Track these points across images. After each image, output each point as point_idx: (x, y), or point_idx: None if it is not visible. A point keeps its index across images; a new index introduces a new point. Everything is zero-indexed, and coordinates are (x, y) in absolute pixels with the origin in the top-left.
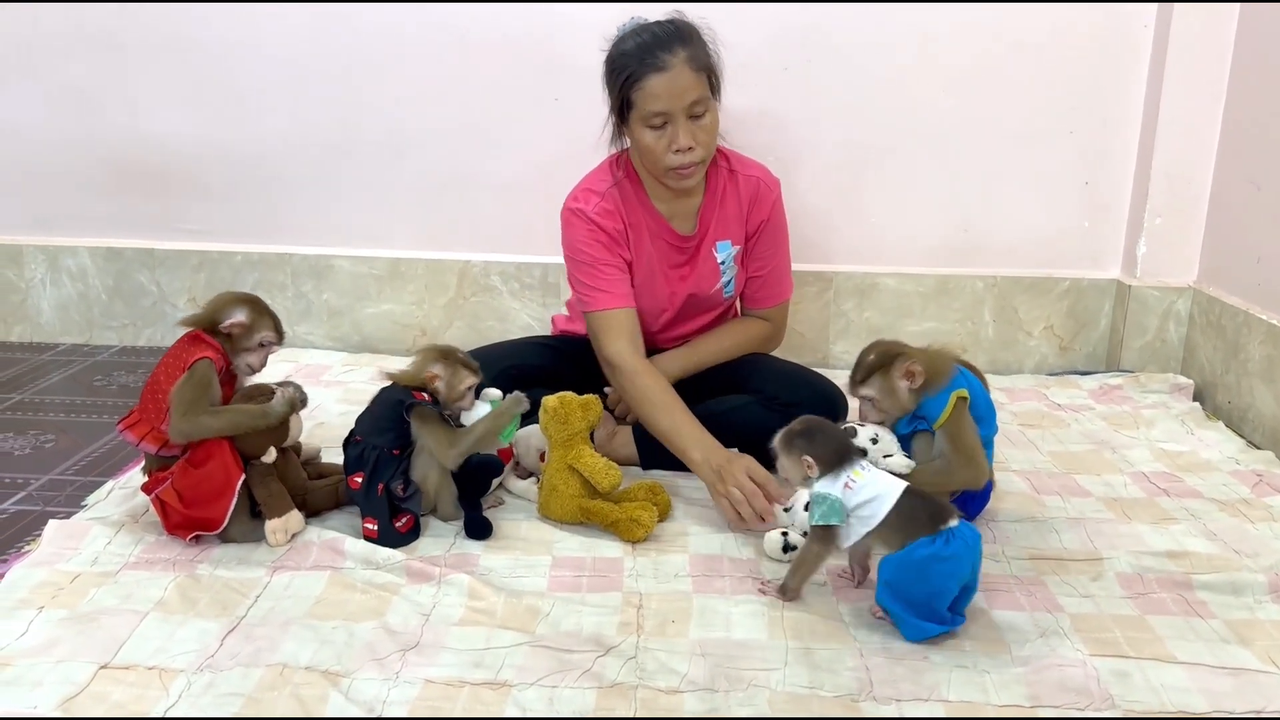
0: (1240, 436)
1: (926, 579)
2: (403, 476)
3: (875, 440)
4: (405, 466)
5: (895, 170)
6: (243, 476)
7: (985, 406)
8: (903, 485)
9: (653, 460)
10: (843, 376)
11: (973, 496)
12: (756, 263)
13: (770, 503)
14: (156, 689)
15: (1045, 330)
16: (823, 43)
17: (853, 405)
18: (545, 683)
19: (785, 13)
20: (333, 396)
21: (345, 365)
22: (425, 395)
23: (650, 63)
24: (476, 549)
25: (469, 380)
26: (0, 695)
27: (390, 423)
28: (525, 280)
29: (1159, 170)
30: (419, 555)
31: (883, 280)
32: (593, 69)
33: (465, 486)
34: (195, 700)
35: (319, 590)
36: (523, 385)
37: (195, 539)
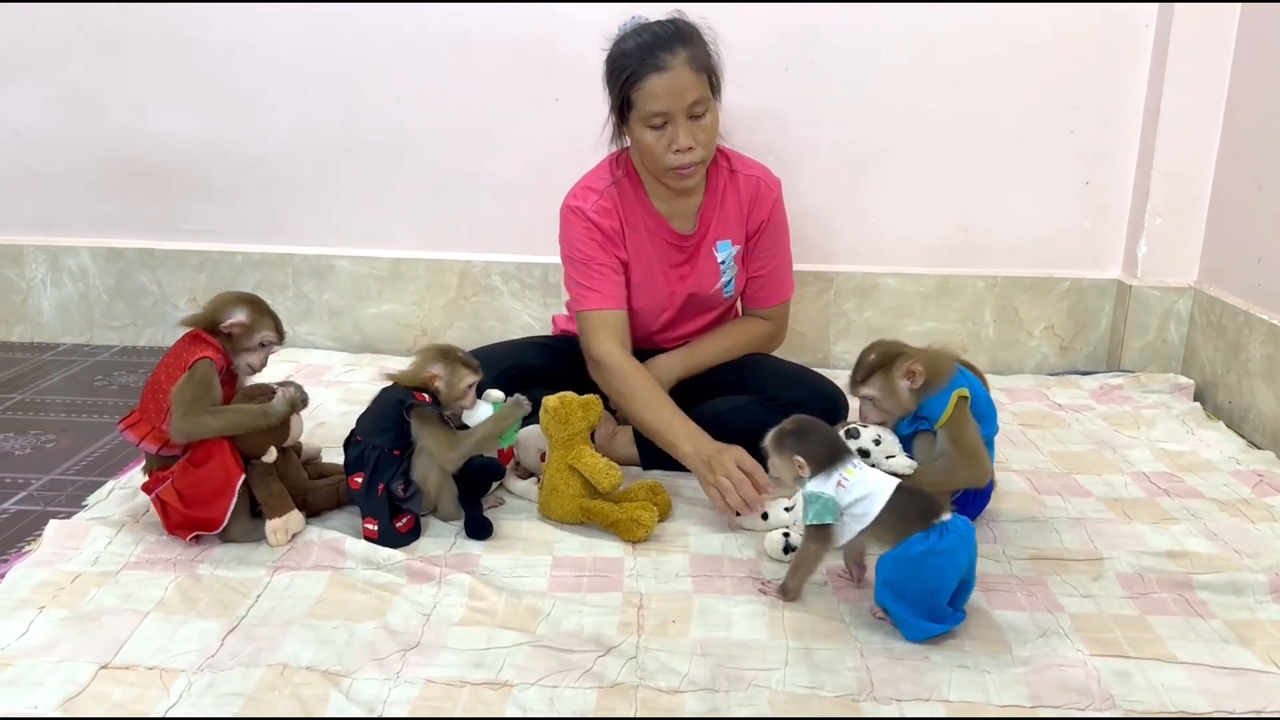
0: (1241, 437)
1: (924, 575)
2: (403, 477)
3: (878, 441)
4: (406, 467)
5: (896, 170)
6: (243, 476)
7: (986, 406)
8: (895, 482)
9: (653, 460)
10: (843, 377)
11: (973, 497)
12: (757, 262)
13: (758, 492)
14: (157, 689)
15: (1046, 330)
16: (823, 43)
17: (853, 406)
18: (546, 683)
19: (786, 13)
20: (333, 396)
21: (346, 365)
22: (426, 396)
23: (651, 63)
24: (477, 549)
25: (469, 379)
26: (1, 695)
27: (390, 423)
28: (526, 280)
29: (1160, 170)
30: (419, 555)
31: (883, 280)
32: (593, 69)
33: (466, 487)
34: (196, 700)
35: (319, 590)
36: (523, 385)
37: (195, 539)
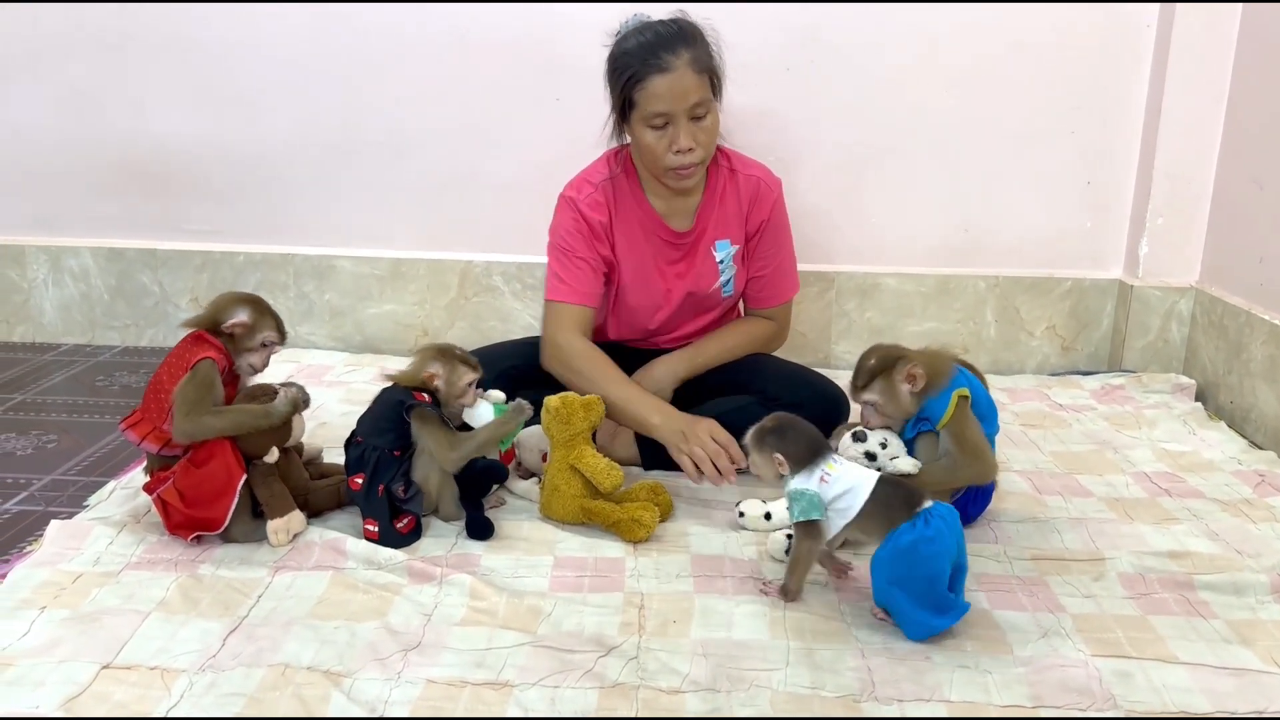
0: (1242, 437)
1: (918, 563)
2: (404, 478)
3: (885, 445)
4: (406, 468)
5: (897, 170)
6: (244, 476)
7: (986, 405)
8: (876, 475)
9: (654, 461)
10: (844, 377)
11: (974, 497)
12: (759, 262)
13: (732, 464)
14: (158, 689)
15: (1047, 330)
16: (824, 43)
17: (854, 409)
18: (547, 683)
19: (787, 13)
20: (335, 397)
21: (347, 365)
22: (426, 396)
23: (653, 63)
24: (478, 549)
25: (468, 377)
26: (3, 695)
27: (390, 424)
28: (527, 280)
29: (1161, 170)
30: (420, 555)
31: (884, 280)
32: (594, 69)
33: (467, 487)
34: (197, 700)
35: (321, 590)
36: (524, 385)
37: (197, 539)
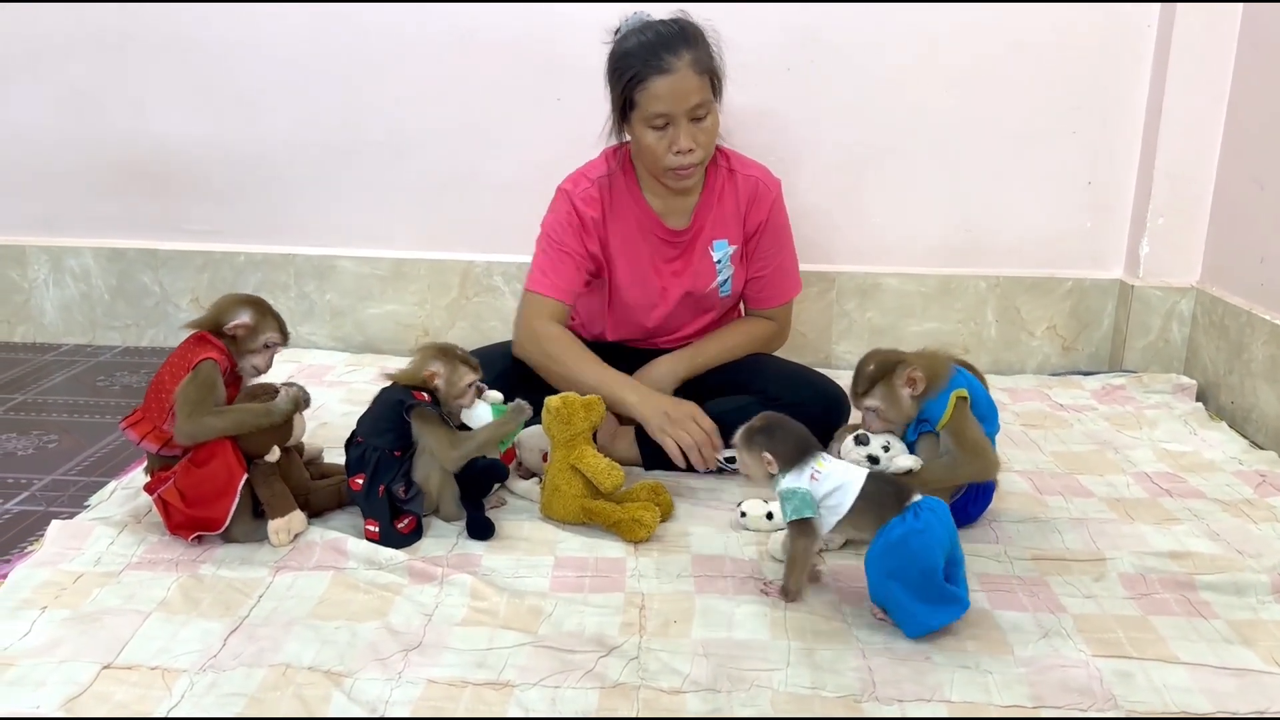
0: (1243, 437)
1: (911, 555)
2: (404, 478)
3: (887, 448)
4: (407, 468)
5: (898, 170)
6: (245, 476)
7: (986, 405)
8: (865, 471)
9: (655, 461)
10: (845, 377)
11: (975, 497)
12: (758, 263)
13: (714, 451)
14: (159, 689)
15: (1048, 330)
16: (825, 43)
17: (855, 411)
18: (548, 683)
19: (787, 13)
20: (336, 397)
21: (348, 365)
22: (425, 395)
23: (655, 64)
24: (479, 549)
25: (469, 377)
26: (4, 695)
27: (390, 424)
28: None
29: (1162, 170)
30: (421, 555)
31: (885, 280)
32: (595, 69)
33: (468, 487)
34: (198, 700)
35: (322, 590)
36: (524, 385)
37: (197, 539)
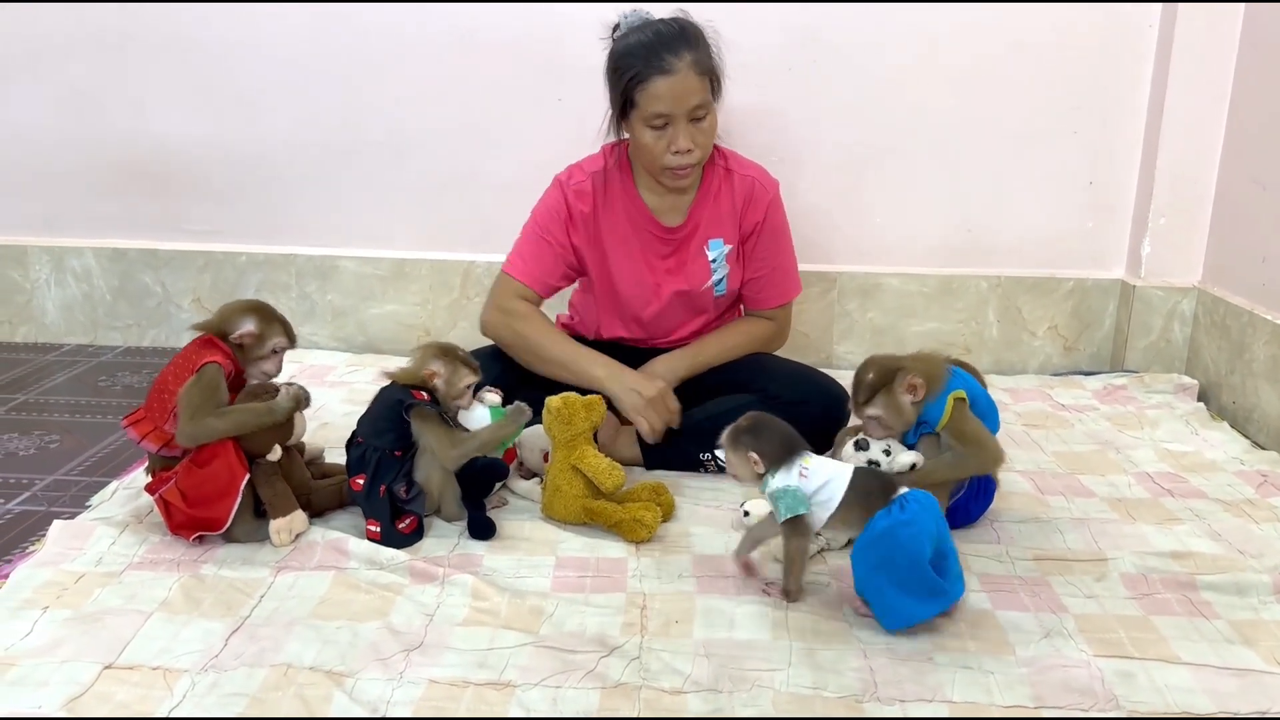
0: (1245, 437)
1: (898, 547)
2: (405, 478)
3: (888, 452)
4: (408, 468)
5: (898, 170)
6: (247, 476)
7: (986, 405)
8: (852, 466)
9: (656, 460)
10: (846, 377)
11: (976, 496)
12: (756, 264)
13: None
14: (161, 689)
15: (1049, 330)
16: (825, 43)
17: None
18: (549, 683)
19: (788, 13)
20: (337, 397)
21: (349, 366)
22: (424, 394)
23: (656, 65)
24: (480, 549)
25: (468, 379)
26: (5, 695)
27: (390, 423)
28: None
29: (1163, 170)
30: (422, 555)
31: (886, 280)
32: (596, 69)
33: (469, 487)
34: (199, 700)
35: (323, 590)
36: (525, 386)
37: (199, 539)
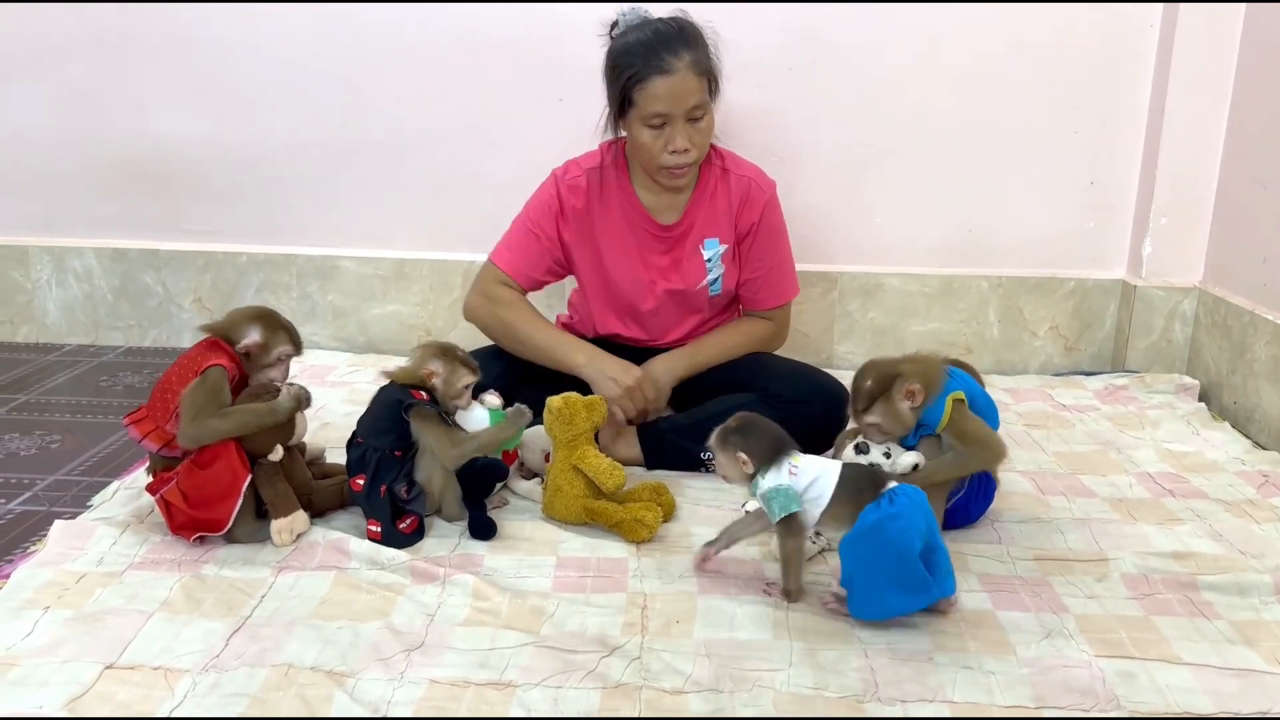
0: (1246, 437)
1: (887, 540)
2: (406, 479)
3: (888, 455)
4: (408, 468)
5: (899, 170)
6: (249, 478)
7: (985, 404)
8: (840, 462)
9: (657, 461)
10: (847, 378)
11: (977, 496)
12: (753, 265)
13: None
14: (162, 689)
15: (1050, 330)
16: (826, 43)
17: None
18: (550, 683)
19: (788, 13)
20: (338, 397)
21: (350, 366)
22: (423, 394)
23: (655, 64)
24: (481, 549)
25: (467, 379)
26: (6, 695)
27: (389, 423)
28: None
29: (1164, 170)
30: (424, 555)
31: (887, 280)
32: (597, 70)
33: (470, 487)
34: (200, 700)
35: (324, 590)
36: (524, 385)
37: (200, 539)
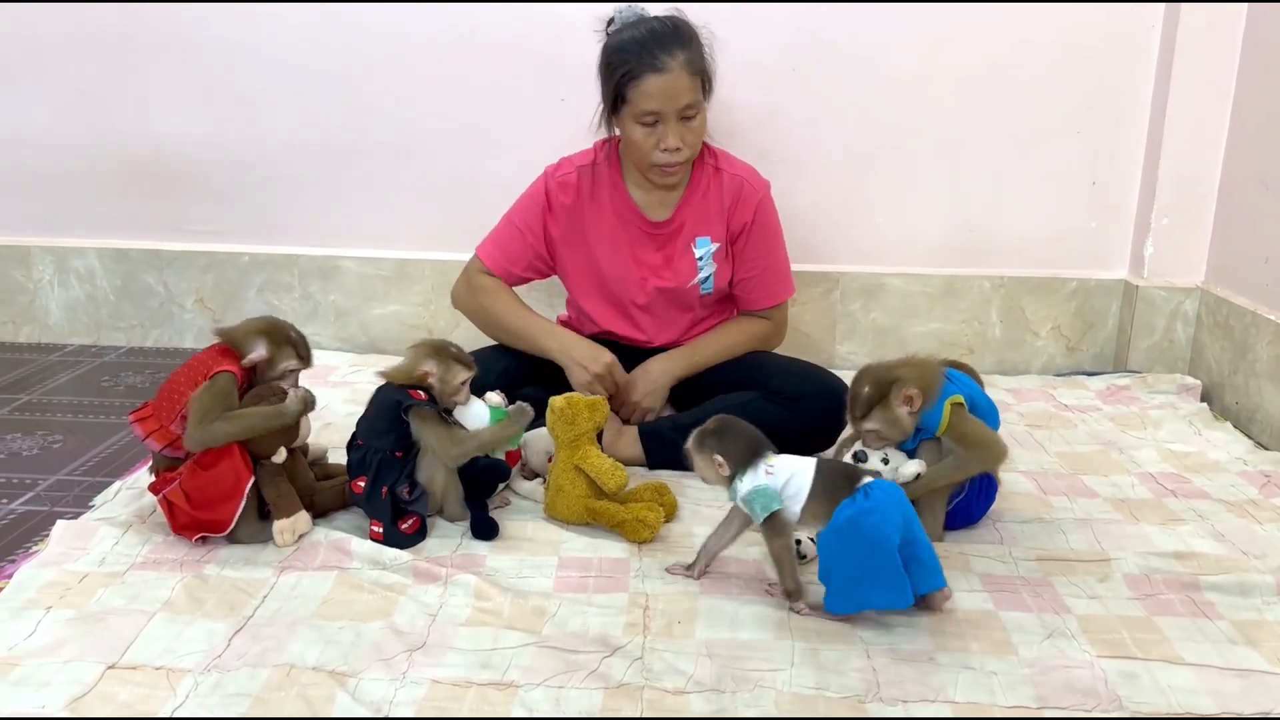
0: (1248, 437)
1: (863, 535)
2: (407, 480)
3: (886, 460)
4: (409, 469)
5: (902, 170)
6: (252, 479)
7: (985, 406)
8: (815, 459)
9: (659, 461)
10: (849, 377)
11: (978, 497)
12: (747, 264)
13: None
14: (164, 689)
15: (1052, 330)
16: (829, 43)
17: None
18: (551, 683)
19: (792, 13)
20: (340, 397)
21: (352, 366)
22: (421, 393)
23: (649, 62)
24: (483, 549)
25: (463, 375)
26: (8, 695)
27: (389, 424)
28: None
29: (1166, 170)
30: (425, 556)
31: (889, 281)
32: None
33: (472, 487)
34: (202, 700)
35: (326, 590)
36: (523, 384)
37: (202, 539)
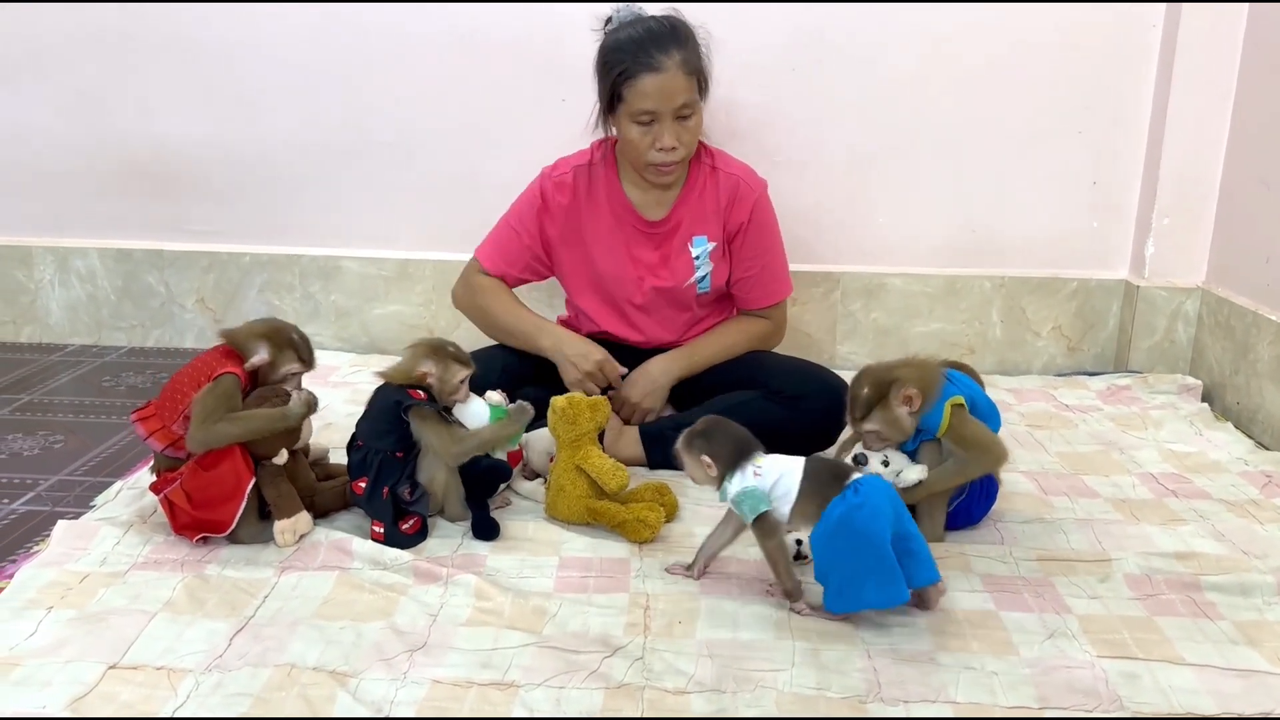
0: (1249, 437)
1: (855, 531)
2: (409, 480)
3: (886, 463)
4: (410, 470)
5: (902, 170)
6: (253, 480)
7: (986, 407)
8: (803, 459)
9: (659, 461)
10: (849, 377)
11: (979, 497)
12: (745, 263)
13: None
14: (165, 689)
15: (1053, 331)
16: (829, 43)
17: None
18: (552, 683)
19: (792, 13)
20: (341, 397)
21: (353, 366)
22: (420, 393)
23: (645, 62)
24: (484, 549)
25: (461, 374)
26: (9, 695)
27: (389, 425)
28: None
29: (1167, 170)
30: (426, 556)
31: (890, 281)
32: None
33: (473, 487)
34: (203, 700)
35: (327, 590)
36: (523, 384)
37: (202, 539)
